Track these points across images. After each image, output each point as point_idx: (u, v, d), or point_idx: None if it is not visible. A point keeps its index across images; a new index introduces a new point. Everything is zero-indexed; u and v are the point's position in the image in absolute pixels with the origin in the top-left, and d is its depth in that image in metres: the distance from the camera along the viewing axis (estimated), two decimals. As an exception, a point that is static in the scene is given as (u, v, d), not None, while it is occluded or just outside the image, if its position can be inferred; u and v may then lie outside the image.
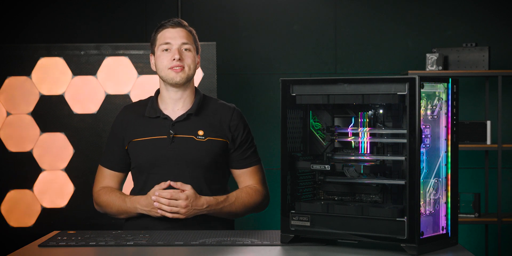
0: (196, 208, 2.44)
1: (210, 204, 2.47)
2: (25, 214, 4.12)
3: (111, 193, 2.59)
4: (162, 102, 2.62)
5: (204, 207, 2.46)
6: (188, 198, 2.42)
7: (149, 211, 2.48)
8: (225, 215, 2.54)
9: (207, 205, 2.46)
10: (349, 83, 2.07)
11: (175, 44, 2.56)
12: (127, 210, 2.53)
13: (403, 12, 4.80)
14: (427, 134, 2.03)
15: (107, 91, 4.09)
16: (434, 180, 2.06)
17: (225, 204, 2.51)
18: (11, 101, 4.11)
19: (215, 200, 2.49)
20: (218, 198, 2.50)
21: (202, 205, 2.45)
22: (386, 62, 4.79)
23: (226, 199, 2.51)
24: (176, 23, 2.59)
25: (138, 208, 2.50)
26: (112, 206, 2.57)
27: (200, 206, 2.45)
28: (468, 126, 4.41)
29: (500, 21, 4.76)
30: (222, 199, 2.50)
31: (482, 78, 4.70)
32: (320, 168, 2.13)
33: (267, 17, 4.80)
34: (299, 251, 2.07)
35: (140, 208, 2.49)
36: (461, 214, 4.38)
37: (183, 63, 2.55)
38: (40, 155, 4.11)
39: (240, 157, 2.61)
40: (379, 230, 2.00)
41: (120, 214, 2.57)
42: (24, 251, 2.11)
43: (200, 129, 2.57)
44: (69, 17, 4.72)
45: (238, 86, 4.79)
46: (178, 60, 2.53)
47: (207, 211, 2.47)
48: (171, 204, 2.42)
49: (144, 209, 2.49)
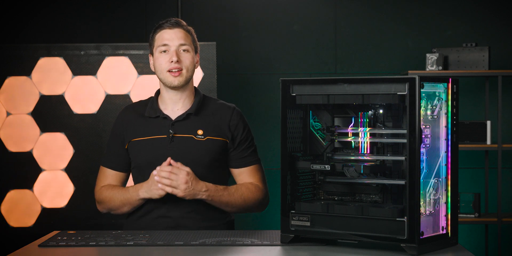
0: (195, 189, 2.44)
1: (209, 188, 2.47)
2: (25, 214, 4.12)
3: (113, 188, 2.60)
4: (162, 102, 2.62)
5: (203, 190, 2.46)
6: (188, 174, 2.43)
7: (150, 191, 2.47)
8: (223, 205, 2.53)
9: (206, 189, 2.47)
10: (349, 83, 2.07)
11: (173, 45, 2.55)
12: (130, 199, 2.53)
13: (403, 12, 4.80)
14: (427, 134, 2.03)
15: (107, 91, 4.09)
16: (434, 180, 2.06)
17: (224, 192, 2.51)
18: (11, 101, 4.11)
19: (214, 187, 2.49)
20: (218, 186, 2.51)
21: (201, 188, 2.45)
22: (386, 62, 4.79)
23: (225, 188, 2.52)
24: (174, 24, 2.58)
25: (140, 193, 2.49)
26: (115, 199, 2.57)
27: (199, 188, 2.45)
28: (468, 126, 4.41)
29: (500, 21, 4.76)
30: (221, 188, 2.52)
31: (482, 78, 4.70)
32: (320, 168, 2.13)
33: (267, 17, 4.80)
34: (299, 251, 2.07)
35: (142, 191, 2.49)
36: (461, 214, 4.38)
37: (181, 65, 2.55)
38: (40, 155, 4.11)
39: (239, 156, 2.61)
40: (379, 230, 2.00)
41: (123, 206, 2.56)
42: (24, 251, 2.11)
43: (199, 129, 2.57)
44: (69, 17, 4.72)
45: (238, 86, 4.79)
46: (176, 62, 2.53)
47: (206, 195, 2.47)
48: (171, 177, 2.43)
49: (145, 190, 2.48)
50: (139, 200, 2.52)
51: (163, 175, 2.43)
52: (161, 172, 2.43)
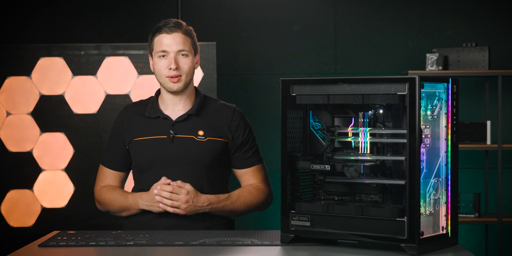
0: (197, 205, 2.44)
1: (211, 202, 2.47)
2: (25, 214, 4.12)
3: (113, 191, 2.59)
4: (162, 103, 2.62)
5: (205, 205, 2.46)
6: (188, 193, 2.43)
7: (150, 206, 2.48)
8: (226, 214, 2.54)
9: (208, 202, 2.46)
10: (349, 83, 2.07)
11: (172, 51, 2.54)
12: (128, 206, 2.54)
13: (403, 12, 4.80)
14: (427, 134, 2.03)
15: (107, 91, 4.09)
16: (434, 180, 2.06)
17: (227, 202, 2.51)
18: (11, 101, 4.11)
19: (216, 198, 2.49)
20: (219, 196, 2.50)
21: (203, 203, 2.45)
22: (386, 62, 4.79)
23: (228, 198, 2.51)
24: (172, 28, 2.54)
25: (140, 204, 2.50)
26: (114, 204, 2.57)
27: (201, 204, 2.45)
28: (468, 126, 4.41)
29: (500, 21, 4.76)
30: (223, 197, 2.50)
31: (482, 78, 4.70)
32: (320, 168, 2.13)
33: (267, 17, 4.80)
34: (299, 251, 2.07)
35: (142, 203, 2.50)
36: (461, 214, 4.38)
37: (180, 72, 2.54)
38: (40, 155, 4.11)
39: (242, 157, 2.61)
40: (379, 230, 2.00)
41: (122, 211, 2.57)
42: (24, 251, 2.11)
43: (200, 129, 2.57)
44: (69, 17, 4.72)
45: (238, 86, 4.79)
46: (175, 69, 2.53)
47: (209, 209, 2.47)
48: (172, 198, 2.43)
49: (146, 204, 2.49)
50: (138, 210, 2.54)
51: (164, 195, 2.44)
52: (162, 192, 2.44)
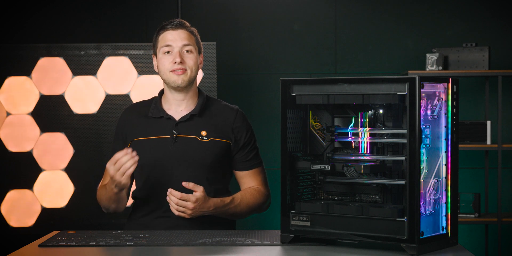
0: (202, 210, 2.43)
1: (216, 206, 2.47)
2: (25, 214, 4.12)
3: (100, 188, 2.59)
4: (165, 103, 2.62)
5: (211, 209, 2.45)
6: (197, 201, 2.40)
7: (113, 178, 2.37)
8: (229, 216, 2.54)
9: (214, 207, 2.46)
10: (349, 83, 2.07)
11: (176, 46, 2.55)
12: (108, 192, 2.47)
13: (403, 12, 4.80)
14: (427, 134, 2.03)
15: (107, 91, 4.09)
16: (434, 180, 2.06)
17: (231, 206, 2.51)
18: (11, 101, 4.11)
19: (221, 202, 2.48)
20: (224, 200, 2.50)
21: (208, 207, 2.44)
22: (386, 62, 4.79)
23: (231, 201, 2.51)
24: (177, 25, 2.57)
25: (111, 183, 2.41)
26: (103, 198, 2.55)
27: (206, 208, 2.44)
28: (468, 126, 4.41)
29: (500, 21, 4.76)
30: (228, 201, 2.50)
31: (482, 78, 4.70)
32: (320, 168, 2.13)
33: (267, 17, 4.80)
34: (299, 251, 2.07)
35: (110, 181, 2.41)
36: (461, 214, 4.38)
37: (184, 66, 2.54)
38: (40, 155, 4.11)
39: (243, 159, 2.61)
40: (379, 230, 2.00)
41: (110, 203, 2.53)
42: (24, 251, 2.11)
43: (203, 130, 2.57)
44: (69, 17, 4.72)
45: (238, 86, 4.79)
46: (179, 63, 2.53)
47: (213, 212, 2.47)
48: (179, 204, 2.41)
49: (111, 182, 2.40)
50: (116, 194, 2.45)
51: (172, 200, 2.40)
52: (171, 197, 2.40)
